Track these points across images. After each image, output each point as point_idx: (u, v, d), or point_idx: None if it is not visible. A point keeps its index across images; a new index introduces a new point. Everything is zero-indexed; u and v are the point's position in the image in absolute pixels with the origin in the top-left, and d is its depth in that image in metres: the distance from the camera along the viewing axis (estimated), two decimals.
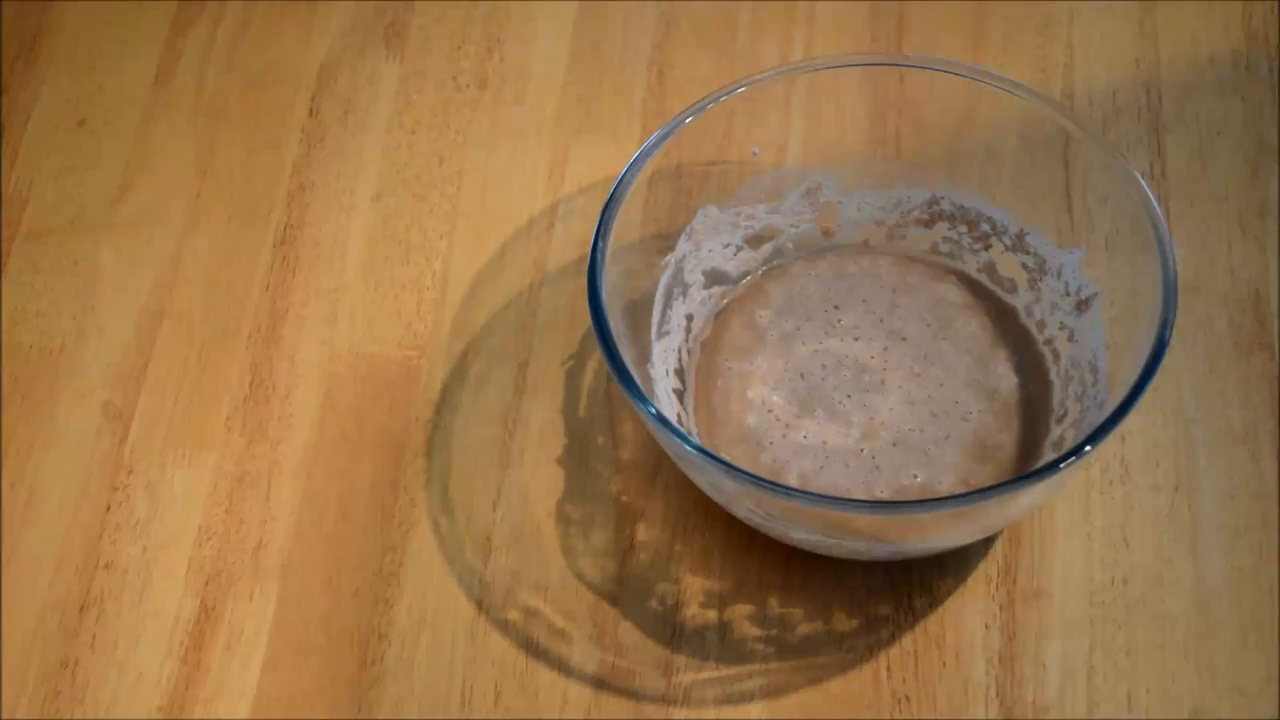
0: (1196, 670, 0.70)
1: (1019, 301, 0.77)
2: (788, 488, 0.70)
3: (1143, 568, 0.72)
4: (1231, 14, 0.87)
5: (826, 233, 0.79)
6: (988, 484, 0.72)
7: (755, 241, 0.78)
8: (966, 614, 0.72)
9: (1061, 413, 0.73)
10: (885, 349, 0.76)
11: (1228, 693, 0.70)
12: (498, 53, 0.88)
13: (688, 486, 0.74)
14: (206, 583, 0.73)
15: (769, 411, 0.74)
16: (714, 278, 0.77)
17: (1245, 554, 0.72)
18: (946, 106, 0.76)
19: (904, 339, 0.76)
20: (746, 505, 0.69)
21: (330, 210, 0.83)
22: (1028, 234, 0.76)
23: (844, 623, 0.72)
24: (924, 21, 0.88)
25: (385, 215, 0.83)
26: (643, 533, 0.74)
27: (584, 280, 0.70)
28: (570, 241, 0.81)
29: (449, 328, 0.79)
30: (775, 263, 0.79)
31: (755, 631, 0.71)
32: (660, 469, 0.75)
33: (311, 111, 0.86)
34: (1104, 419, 0.66)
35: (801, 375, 0.75)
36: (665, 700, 0.70)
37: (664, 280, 0.76)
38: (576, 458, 0.76)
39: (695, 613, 0.72)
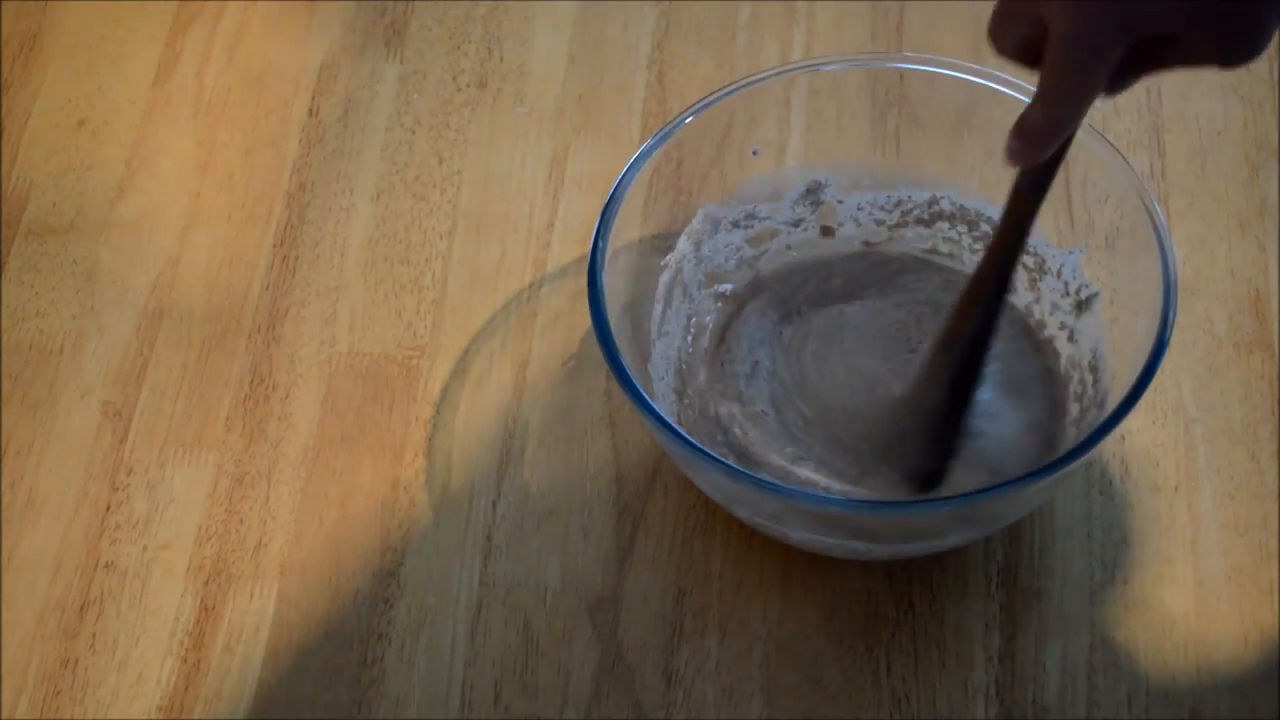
0: (1196, 670, 0.70)
1: (1019, 301, 0.77)
2: (788, 488, 0.70)
3: (1143, 567, 0.72)
4: None
5: (826, 233, 0.79)
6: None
7: (755, 241, 0.78)
8: (966, 614, 0.72)
9: (1061, 413, 0.73)
10: (886, 349, 0.76)
11: (1228, 693, 0.70)
12: (498, 53, 0.88)
13: (688, 486, 0.74)
14: (206, 582, 0.73)
15: (768, 411, 0.74)
16: (714, 278, 0.77)
17: (1245, 554, 0.72)
18: (946, 106, 0.76)
19: (904, 339, 0.76)
20: (746, 505, 0.69)
21: (330, 210, 0.83)
22: None
23: (844, 623, 0.72)
24: (924, 21, 0.88)
25: (385, 215, 0.83)
26: (643, 533, 0.74)
27: (584, 280, 0.70)
28: (570, 241, 0.81)
29: (449, 328, 0.79)
30: (775, 262, 0.78)
31: (755, 631, 0.71)
32: (660, 469, 0.75)
33: (311, 111, 0.86)
34: (1104, 419, 0.66)
35: (802, 375, 0.75)
36: (665, 700, 0.70)
37: (664, 280, 0.76)
38: (576, 458, 0.76)
39: (695, 612, 0.72)
